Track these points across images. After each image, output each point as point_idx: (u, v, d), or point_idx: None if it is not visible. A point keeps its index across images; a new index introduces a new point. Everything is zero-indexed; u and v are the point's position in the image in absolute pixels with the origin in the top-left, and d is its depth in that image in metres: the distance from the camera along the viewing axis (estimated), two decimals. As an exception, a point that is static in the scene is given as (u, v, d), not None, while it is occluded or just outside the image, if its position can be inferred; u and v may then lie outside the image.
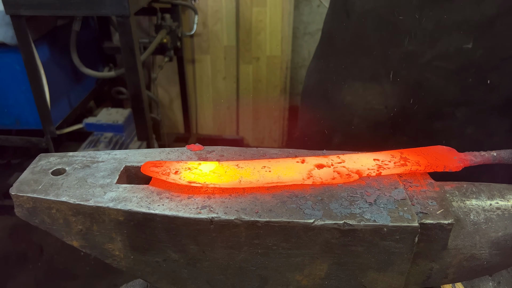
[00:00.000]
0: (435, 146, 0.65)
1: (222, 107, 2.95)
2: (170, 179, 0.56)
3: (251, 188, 0.56)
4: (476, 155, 0.63)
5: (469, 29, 0.80)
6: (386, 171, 0.60)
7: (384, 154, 0.63)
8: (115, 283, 1.96)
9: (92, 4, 1.65)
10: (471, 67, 0.83)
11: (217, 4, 2.65)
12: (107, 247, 0.56)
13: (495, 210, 0.58)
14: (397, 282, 0.56)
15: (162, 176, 0.56)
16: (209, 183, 0.55)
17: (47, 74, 1.83)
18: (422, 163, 0.61)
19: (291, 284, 0.56)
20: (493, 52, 0.82)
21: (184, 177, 0.56)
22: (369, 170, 0.60)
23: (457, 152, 0.64)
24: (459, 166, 0.61)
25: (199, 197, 0.54)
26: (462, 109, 0.88)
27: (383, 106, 0.94)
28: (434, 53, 0.84)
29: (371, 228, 0.51)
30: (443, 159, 0.62)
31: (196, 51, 2.79)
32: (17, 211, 0.56)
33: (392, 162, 0.61)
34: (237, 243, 0.52)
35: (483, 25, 0.79)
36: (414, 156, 0.62)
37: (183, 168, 0.58)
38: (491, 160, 0.63)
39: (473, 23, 0.79)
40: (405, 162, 0.61)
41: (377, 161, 0.62)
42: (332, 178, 0.58)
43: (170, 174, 0.56)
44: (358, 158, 0.62)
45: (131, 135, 2.31)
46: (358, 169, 0.60)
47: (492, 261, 0.58)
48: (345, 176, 0.58)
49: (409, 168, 0.60)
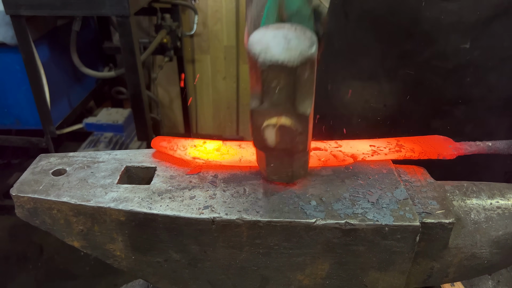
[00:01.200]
0: (432, 135, 0.67)
1: (222, 107, 2.95)
2: (176, 154, 0.60)
3: (250, 166, 0.60)
4: (471, 144, 0.64)
5: (466, 29, 0.80)
6: (380, 156, 0.62)
7: (380, 141, 0.65)
8: (115, 283, 1.96)
9: (92, 4, 1.65)
10: (469, 67, 0.84)
11: (217, 4, 2.65)
12: (108, 247, 0.56)
13: (495, 209, 0.58)
14: (398, 281, 0.56)
15: (169, 151, 0.61)
16: (211, 160, 0.60)
17: (47, 74, 1.83)
18: (417, 150, 0.62)
19: (292, 283, 0.56)
20: (491, 52, 0.82)
21: (189, 153, 0.60)
22: (363, 155, 0.62)
23: (453, 141, 0.65)
24: (453, 154, 0.63)
25: (201, 196, 0.54)
26: (461, 108, 0.89)
27: (381, 105, 0.94)
28: (432, 53, 0.84)
29: (372, 228, 0.51)
30: (438, 147, 0.63)
31: (196, 51, 2.79)
32: (18, 212, 0.56)
33: (387, 149, 0.63)
34: (238, 243, 0.53)
35: (481, 25, 0.79)
36: (410, 144, 0.64)
37: (190, 145, 0.62)
38: (486, 150, 0.64)
39: (471, 23, 0.79)
40: (400, 148, 0.63)
41: (373, 147, 0.63)
42: (327, 159, 0.60)
43: (177, 150, 0.60)
44: (354, 144, 0.64)
45: (131, 135, 2.31)
46: (353, 153, 0.62)
47: (492, 260, 0.58)
48: (341, 159, 0.60)
49: (403, 154, 0.62)
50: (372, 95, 0.94)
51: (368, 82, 0.94)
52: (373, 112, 0.95)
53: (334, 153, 0.61)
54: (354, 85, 0.97)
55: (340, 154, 0.61)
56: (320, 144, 0.63)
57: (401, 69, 0.88)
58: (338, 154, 0.61)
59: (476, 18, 0.79)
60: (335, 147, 0.63)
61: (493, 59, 0.83)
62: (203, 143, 0.62)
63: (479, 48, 0.81)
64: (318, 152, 0.61)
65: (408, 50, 0.85)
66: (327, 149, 0.62)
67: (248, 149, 0.62)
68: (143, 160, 0.61)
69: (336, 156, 0.61)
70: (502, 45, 0.81)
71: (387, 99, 0.93)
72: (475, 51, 0.82)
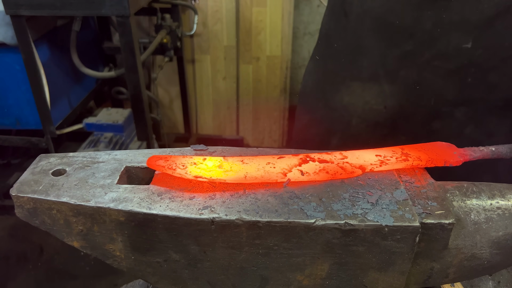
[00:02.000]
0: (434, 142, 0.66)
1: (222, 107, 2.95)
2: (176, 173, 0.56)
3: (256, 184, 0.57)
4: (475, 150, 0.64)
5: (468, 28, 0.79)
6: (388, 166, 0.61)
7: (385, 150, 0.64)
8: (115, 283, 1.96)
9: (92, 4, 1.65)
10: (471, 67, 0.83)
11: (217, 4, 2.65)
12: (108, 247, 0.56)
13: (495, 210, 0.58)
14: (398, 282, 0.56)
15: (168, 170, 0.56)
16: (215, 178, 0.56)
17: (47, 74, 1.83)
18: (423, 158, 0.62)
19: (292, 284, 0.56)
20: (493, 52, 0.82)
21: (191, 172, 0.56)
22: (371, 165, 0.60)
23: (456, 147, 0.65)
24: (459, 160, 0.62)
25: (200, 196, 0.54)
26: (462, 109, 0.88)
27: (382, 106, 0.93)
28: (433, 53, 0.83)
29: (372, 228, 0.51)
30: (444, 154, 0.63)
31: (196, 51, 2.79)
32: (18, 212, 0.56)
33: (394, 158, 0.62)
34: (238, 243, 0.52)
35: (482, 24, 0.78)
36: (415, 152, 0.63)
37: (189, 163, 0.58)
38: (490, 155, 0.64)
39: (472, 22, 0.79)
40: (407, 157, 0.62)
41: (379, 156, 0.62)
42: (335, 173, 0.58)
43: (177, 168, 0.56)
44: (360, 154, 0.63)
45: (131, 135, 2.31)
46: (361, 164, 0.60)
47: (492, 261, 0.58)
48: (349, 171, 0.59)
49: (411, 163, 0.61)
50: (372, 96, 0.94)
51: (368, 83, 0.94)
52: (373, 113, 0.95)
53: (341, 165, 0.60)
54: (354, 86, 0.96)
55: (348, 167, 0.59)
56: (326, 156, 0.62)
57: (402, 70, 0.88)
58: (346, 166, 0.60)
59: (478, 17, 0.78)
60: (341, 159, 0.61)
61: (494, 59, 0.82)
62: (203, 160, 0.59)
63: (480, 47, 0.81)
64: (325, 164, 0.60)
65: (409, 50, 0.85)
66: (333, 161, 0.61)
67: (252, 164, 0.59)
68: (143, 161, 0.61)
69: (345, 169, 0.59)
70: (503, 45, 0.81)
71: (387, 100, 0.92)
72: (477, 50, 0.81)
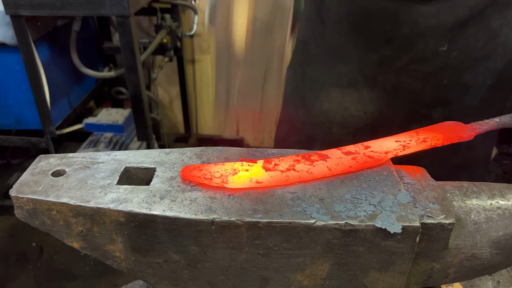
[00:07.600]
0: (442, 122, 0.68)
1: (222, 107, 2.94)
2: (213, 183, 0.55)
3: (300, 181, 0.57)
4: (481, 123, 0.66)
5: (444, 32, 0.80)
6: (410, 149, 0.62)
7: (402, 136, 0.65)
8: (115, 283, 1.96)
9: (92, 4, 1.65)
10: (447, 69, 0.84)
11: (217, 4, 2.64)
12: (108, 248, 0.55)
13: (495, 210, 0.58)
14: (398, 282, 0.56)
15: (204, 181, 0.56)
16: (265, 182, 0.55)
17: (47, 74, 1.83)
18: (440, 138, 0.63)
19: (292, 284, 0.56)
20: (467, 53, 0.83)
21: (233, 181, 0.55)
22: (395, 151, 0.62)
23: (463, 124, 0.67)
24: (471, 135, 0.64)
25: (201, 197, 0.54)
26: (438, 110, 0.89)
27: (362, 112, 0.94)
28: (411, 57, 0.84)
29: (372, 228, 0.51)
30: (456, 131, 0.64)
31: (196, 51, 2.79)
32: (17, 213, 0.56)
33: (413, 141, 0.63)
34: (238, 243, 0.52)
35: (457, 27, 0.79)
36: (430, 133, 0.65)
37: (222, 170, 0.57)
38: (495, 126, 0.66)
39: (448, 26, 0.80)
40: (424, 139, 0.63)
41: (399, 142, 0.63)
42: (364, 161, 0.60)
43: (213, 178, 0.56)
44: (381, 143, 0.64)
45: (131, 135, 2.31)
46: (385, 151, 0.61)
47: (492, 261, 0.58)
48: (377, 158, 0.60)
49: (429, 143, 0.63)
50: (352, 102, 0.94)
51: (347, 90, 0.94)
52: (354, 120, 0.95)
53: (367, 154, 0.61)
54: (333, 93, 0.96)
55: (375, 155, 0.61)
56: (351, 147, 0.63)
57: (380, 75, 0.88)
58: (373, 154, 0.61)
59: (453, 20, 0.79)
60: (365, 149, 0.63)
61: (468, 60, 0.83)
62: (240, 166, 0.58)
63: (455, 50, 0.81)
64: (352, 155, 0.60)
65: (387, 55, 0.85)
66: (359, 152, 0.62)
67: (283, 163, 0.58)
68: (143, 161, 0.61)
69: (372, 157, 0.60)
70: (476, 46, 0.82)
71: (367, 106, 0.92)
72: (452, 53, 0.82)
